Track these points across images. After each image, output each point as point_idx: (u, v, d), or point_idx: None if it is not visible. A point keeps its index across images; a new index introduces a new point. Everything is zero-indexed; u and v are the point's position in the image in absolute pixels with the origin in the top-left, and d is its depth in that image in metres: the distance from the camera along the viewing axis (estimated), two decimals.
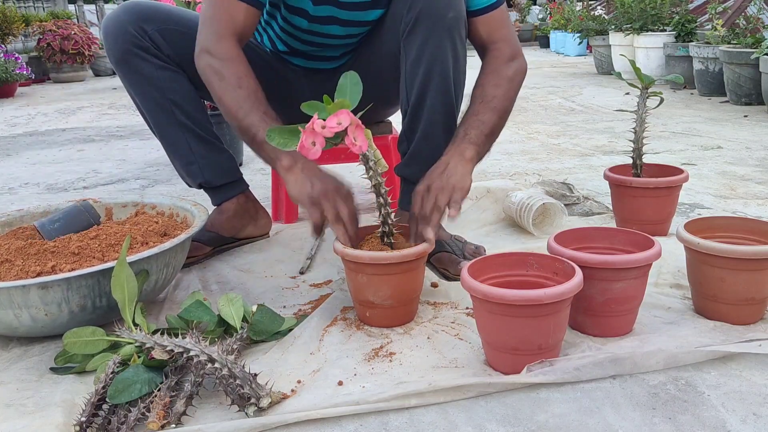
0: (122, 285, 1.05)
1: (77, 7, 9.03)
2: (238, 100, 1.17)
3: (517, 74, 1.29)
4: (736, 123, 3.01)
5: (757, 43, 3.39)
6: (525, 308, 0.93)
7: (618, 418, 0.89)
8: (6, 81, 5.53)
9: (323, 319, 1.18)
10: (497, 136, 1.26)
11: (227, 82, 1.19)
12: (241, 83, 1.18)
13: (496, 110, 1.24)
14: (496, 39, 1.30)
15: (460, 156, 1.19)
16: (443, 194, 1.14)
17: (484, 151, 1.24)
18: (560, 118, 3.40)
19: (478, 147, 1.21)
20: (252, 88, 1.19)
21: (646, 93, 1.50)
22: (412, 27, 1.24)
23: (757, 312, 1.10)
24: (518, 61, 1.30)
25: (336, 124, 0.96)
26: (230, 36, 1.22)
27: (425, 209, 1.14)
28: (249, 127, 1.16)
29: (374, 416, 0.91)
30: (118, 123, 3.91)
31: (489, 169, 2.31)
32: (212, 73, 1.20)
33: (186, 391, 0.92)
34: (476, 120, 1.22)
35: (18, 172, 2.70)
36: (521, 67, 1.30)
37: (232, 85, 1.18)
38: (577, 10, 6.16)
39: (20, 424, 0.92)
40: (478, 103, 1.24)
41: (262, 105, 1.18)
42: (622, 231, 1.17)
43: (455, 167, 1.17)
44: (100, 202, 1.46)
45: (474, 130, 1.21)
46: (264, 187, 2.12)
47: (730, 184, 1.99)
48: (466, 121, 1.23)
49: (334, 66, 1.50)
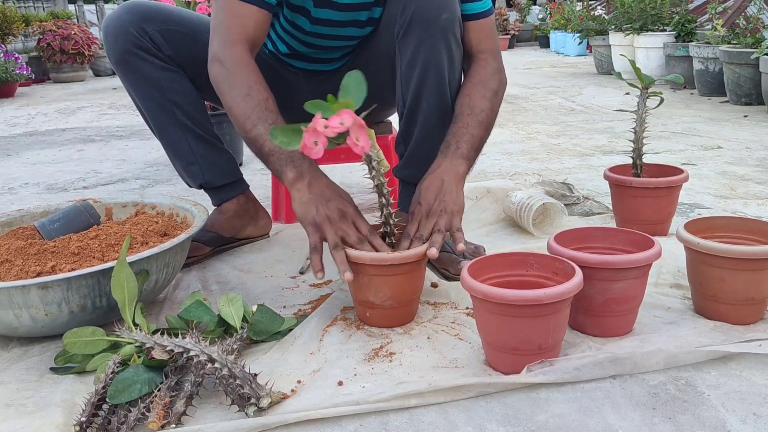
0: (122, 285, 1.05)
1: (77, 7, 9.03)
2: (246, 111, 1.15)
3: (500, 88, 1.30)
4: (736, 123, 3.01)
5: (757, 43, 3.39)
6: (525, 308, 0.93)
7: (618, 418, 0.89)
8: (6, 81, 5.53)
9: (323, 319, 1.18)
10: (482, 150, 1.28)
11: (237, 92, 1.17)
12: (251, 92, 1.16)
13: (483, 124, 1.25)
14: (484, 49, 1.31)
15: (455, 172, 1.19)
16: (442, 219, 1.15)
17: (473, 165, 1.25)
18: (560, 118, 3.40)
19: (469, 162, 1.22)
20: (261, 97, 1.16)
21: (646, 93, 1.50)
22: (407, 29, 1.24)
23: (757, 312, 1.10)
24: (502, 75, 1.32)
25: (338, 123, 0.96)
26: (241, 42, 1.20)
27: (422, 232, 1.15)
28: (256, 138, 1.15)
29: (374, 416, 0.91)
30: (118, 123, 3.91)
31: (489, 169, 2.31)
32: (222, 81, 1.19)
33: (186, 391, 0.92)
34: (467, 133, 1.23)
35: (18, 172, 2.70)
36: (504, 82, 1.32)
37: (242, 95, 1.16)
38: (577, 10, 6.16)
39: (20, 424, 0.92)
40: (467, 115, 1.25)
41: (271, 115, 1.15)
42: (622, 231, 1.17)
43: (450, 186, 1.17)
44: (100, 202, 1.46)
45: (465, 144, 1.22)
46: (264, 187, 2.12)
47: (730, 184, 1.99)
48: (457, 133, 1.23)
49: (332, 67, 1.50)
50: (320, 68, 1.50)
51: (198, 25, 1.46)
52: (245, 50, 1.20)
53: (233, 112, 1.18)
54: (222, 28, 1.21)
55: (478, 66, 1.30)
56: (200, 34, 1.45)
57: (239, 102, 1.16)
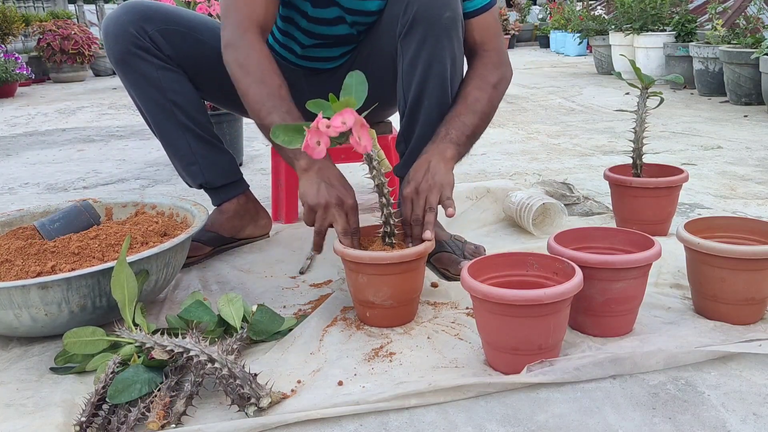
0: (122, 285, 1.05)
1: (77, 7, 9.03)
2: (261, 98, 1.17)
3: (501, 81, 1.31)
4: (736, 123, 3.01)
5: (757, 43, 3.39)
6: (525, 308, 0.93)
7: (618, 418, 0.89)
8: (6, 81, 5.53)
9: (323, 319, 1.18)
10: (477, 139, 1.28)
11: (252, 78, 1.18)
12: (265, 79, 1.18)
13: (478, 113, 1.25)
14: (488, 48, 1.32)
15: (441, 155, 1.20)
16: (432, 193, 1.16)
17: (464, 151, 1.25)
18: (560, 118, 3.40)
19: (458, 147, 1.22)
20: (276, 84, 1.18)
21: (646, 93, 1.50)
22: (409, 28, 1.24)
23: (757, 312, 1.10)
24: (504, 69, 1.32)
25: (341, 123, 0.96)
26: (254, 28, 1.22)
27: (417, 212, 1.15)
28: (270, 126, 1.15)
29: (374, 416, 0.91)
30: (118, 123, 3.91)
31: (489, 169, 2.31)
32: (237, 67, 1.20)
33: (186, 391, 0.92)
34: (458, 121, 1.24)
35: (18, 172, 2.70)
36: (506, 75, 1.32)
37: (257, 81, 1.18)
38: (577, 10, 6.16)
39: (20, 424, 0.92)
40: (460, 104, 1.26)
41: (285, 103, 1.17)
42: (622, 231, 1.17)
43: (437, 165, 1.18)
44: (100, 202, 1.46)
45: (455, 131, 1.23)
46: (264, 187, 2.12)
47: (730, 184, 1.99)
48: (448, 121, 1.25)
49: (332, 66, 1.50)
50: (320, 66, 1.50)
51: (198, 24, 1.46)
52: (257, 36, 1.22)
53: (248, 98, 1.19)
54: (232, 14, 1.23)
55: (478, 62, 1.31)
56: (200, 34, 1.45)
57: (254, 89, 1.18)
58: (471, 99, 1.26)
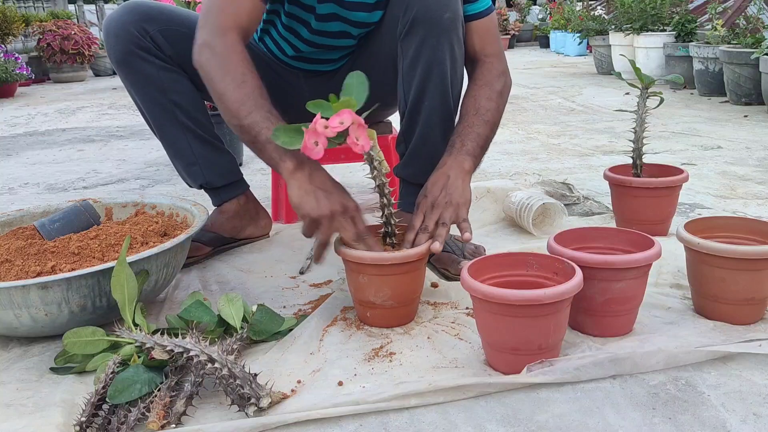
0: (122, 285, 1.05)
1: (77, 7, 9.03)
2: (241, 98, 1.12)
3: (505, 90, 1.32)
4: (736, 123, 3.01)
5: (757, 43, 3.39)
6: (525, 308, 0.93)
7: (618, 418, 0.89)
8: (6, 81, 5.53)
9: (323, 319, 1.18)
10: (488, 149, 1.28)
11: (230, 78, 1.13)
12: (245, 79, 1.13)
13: (489, 123, 1.26)
14: (489, 53, 1.32)
15: (460, 168, 1.20)
16: (447, 211, 1.15)
17: (479, 163, 1.25)
18: (560, 118, 3.40)
19: (474, 159, 1.23)
20: (255, 84, 1.14)
21: (646, 93, 1.50)
22: (409, 29, 1.24)
23: (757, 312, 1.10)
24: (507, 77, 1.33)
25: (338, 123, 0.96)
26: (234, 29, 1.17)
27: (428, 223, 1.15)
28: (251, 127, 1.11)
29: (374, 416, 0.91)
30: (118, 123, 3.91)
31: (489, 169, 2.31)
32: (214, 68, 1.15)
33: (186, 391, 0.92)
34: (473, 132, 1.24)
35: (18, 172, 2.70)
36: (509, 84, 1.33)
37: (236, 82, 1.13)
38: (577, 10, 6.16)
39: (20, 424, 0.92)
40: (472, 115, 1.26)
41: (266, 104, 1.13)
42: (622, 231, 1.17)
43: (456, 180, 1.18)
44: (100, 202, 1.46)
45: (471, 142, 1.23)
46: (264, 187, 2.12)
47: (730, 184, 1.99)
48: (462, 132, 1.24)
49: (332, 68, 1.50)
50: (319, 68, 1.50)
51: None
52: (238, 38, 1.17)
53: (225, 99, 1.14)
54: (214, 14, 1.19)
55: (483, 69, 1.31)
56: None
57: (233, 89, 1.13)
58: (483, 110, 1.26)
